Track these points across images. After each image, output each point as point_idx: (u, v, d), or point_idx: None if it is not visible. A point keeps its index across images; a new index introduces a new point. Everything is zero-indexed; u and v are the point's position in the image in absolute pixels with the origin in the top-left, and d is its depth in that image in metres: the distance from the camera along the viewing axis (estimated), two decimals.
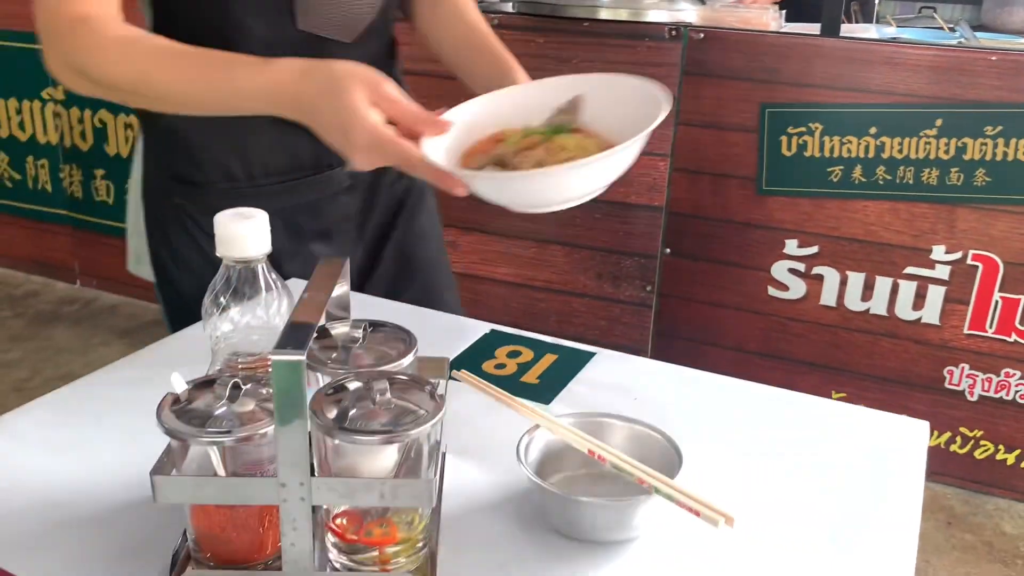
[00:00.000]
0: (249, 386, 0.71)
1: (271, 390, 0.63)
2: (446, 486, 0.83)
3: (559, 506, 0.75)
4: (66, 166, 3.34)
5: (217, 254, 0.73)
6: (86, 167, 3.30)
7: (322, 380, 0.75)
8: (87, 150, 3.28)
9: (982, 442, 2.45)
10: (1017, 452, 2.43)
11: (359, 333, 0.79)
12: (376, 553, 0.71)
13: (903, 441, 0.94)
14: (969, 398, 2.43)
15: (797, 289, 2.43)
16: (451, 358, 1.05)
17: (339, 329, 0.80)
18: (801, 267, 2.42)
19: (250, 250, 0.74)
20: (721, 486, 0.84)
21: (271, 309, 0.76)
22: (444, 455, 0.88)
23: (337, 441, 0.68)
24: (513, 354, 1.10)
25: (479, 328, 1.16)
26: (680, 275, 2.50)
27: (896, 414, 0.98)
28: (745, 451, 0.91)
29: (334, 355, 0.77)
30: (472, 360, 1.07)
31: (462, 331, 1.15)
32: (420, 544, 0.73)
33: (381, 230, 1.32)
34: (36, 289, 3.52)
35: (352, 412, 0.69)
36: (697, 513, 0.70)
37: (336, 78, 0.89)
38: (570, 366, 1.07)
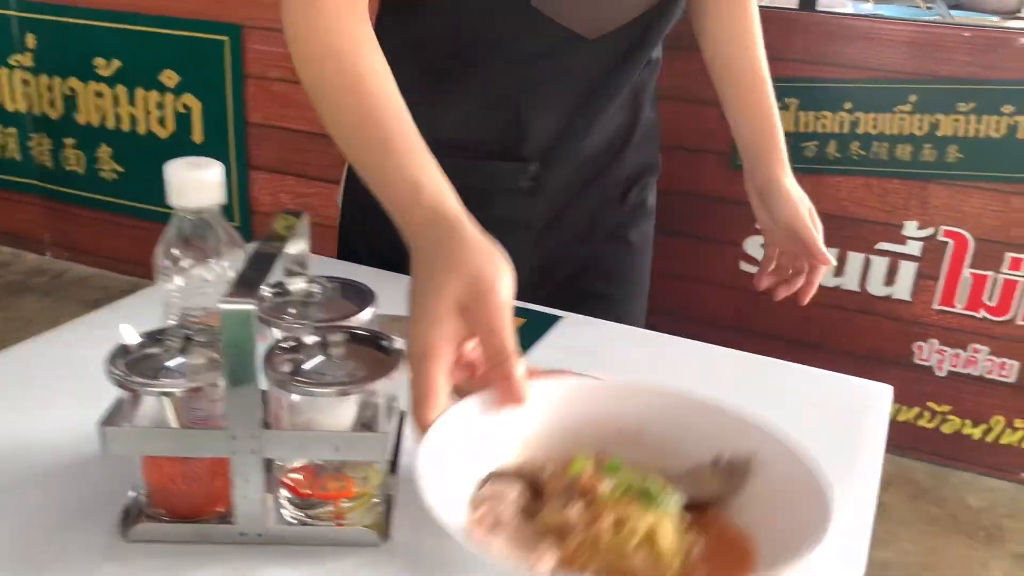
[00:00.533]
0: (202, 338, 0.70)
1: None
2: (405, 442, 0.83)
3: None
4: (35, 135, 3.28)
5: (169, 203, 0.72)
6: (56, 136, 3.25)
7: (278, 336, 0.74)
8: (57, 119, 3.22)
9: (949, 417, 2.48)
10: (983, 427, 2.46)
11: (316, 288, 0.78)
12: (331, 508, 0.70)
13: (867, 405, 0.94)
14: (938, 373, 2.45)
15: None
16: None
17: (296, 285, 0.79)
18: None
19: (203, 200, 0.72)
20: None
21: (225, 262, 0.74)
22: (403, 413, 0.87)
23: (291, 395, 0.67)
24: None
25: None
26: (654, 250, 2.50)
27: (861, 378, 0.99)
28: None
29: (290, 310, 0.76)
30: None
31: None
32: (376, 500, 0.72)
33: (566, 266, 1.24)
34: (6, 260, 3.47)
35: (307, 366, 0.68)
36: None
37: (450, 261, 0.67)
38: (534, 329, 1.06)
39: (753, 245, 2.46)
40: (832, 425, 0.90)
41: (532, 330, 1.06)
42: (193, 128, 3.03)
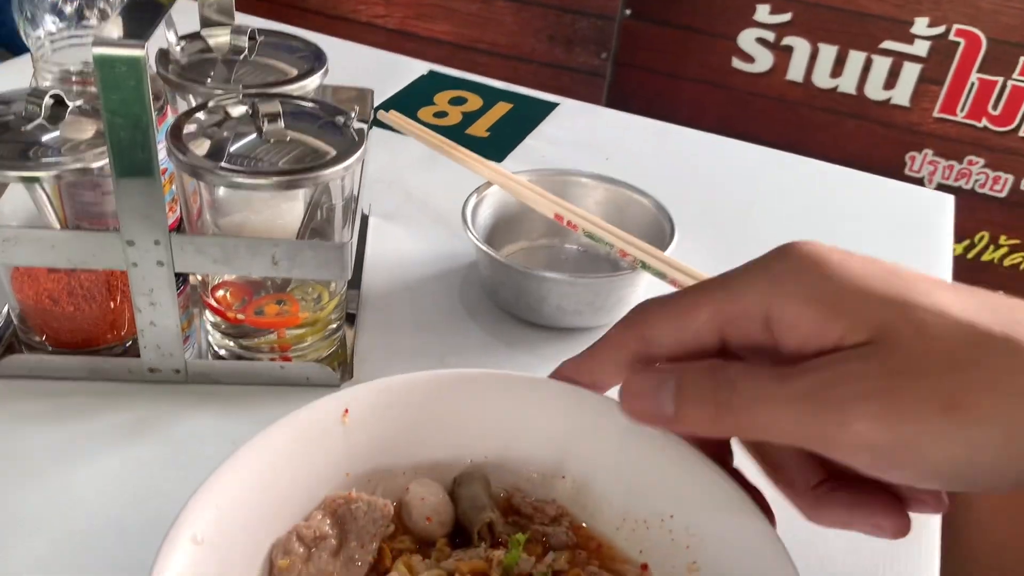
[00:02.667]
0: (82, 103, 0.50)
1: None
2: (370, 257, 0.65)
3: (514, 283, 0.58)
4: None
5: None
6: None
7: (194, 104, 0.54)
8: None
9: None
10: (966, 243, 2.37)
11: (244, 42, 0.57)
12: (273, 338, 0.54)
13: (927, 214, 0.79)
14: (927, 186, 2.33)
15: (763, 61, 2.22)
16: (377, 102, 0.84)
17: (218, 38, 0.58)
18: (770, 36, 2.20)
19: None
20: (723, 261, 0.67)
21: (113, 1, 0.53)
22: (367, 218, 0.69)
23: (213, 187, 0.49)
24: (457, 100, 0.89)
25: (414, 67, 0.94)
26: (639, 41, 2.26)
27: (922, 187, 0.83)
28: (749, 221, 0.75)
29: (210, 72, 0.56)
30: (404, 105, 0.86)
31: (392, 69, 0.93)
32: (333, 327, 0.55)
33: None
34: None
35: (233, 147, 0.48)
36: None
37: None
38: (527, 118, 0.87)
39: (748, 39, 2.23)
40: (893, 236, 0.74)
41: (521, 119, 0.87)
42: None
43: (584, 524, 0.41)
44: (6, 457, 0.47)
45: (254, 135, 0.49)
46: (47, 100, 0.48)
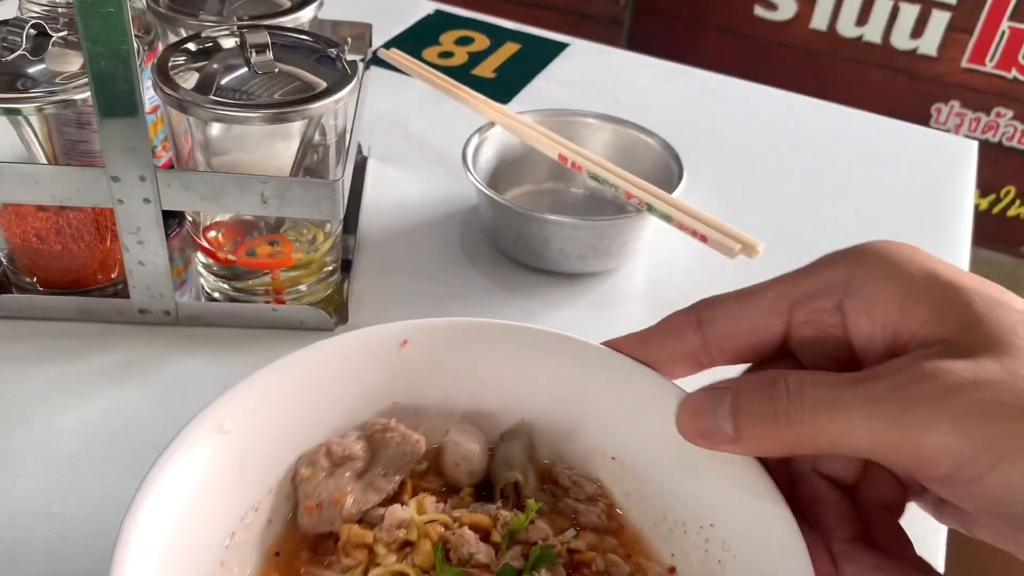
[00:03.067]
0: (67, 34, 0.48)
1: None
2: (368, 200, 0.63)
3: (517, 226, 0.56)
4: None
5: None
6: None
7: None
8: None
9: None
10: (991, 197, 2.32)
11: None
12: (267, 279, 0.52)
13: (949, 159, 0.76)
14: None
15: (786, 9, 2.16)
16: (381, 42, 0.82)
17: None
18: None
19: None
20: (732, 206, 0.65)
21: None
22: (365, 160, 0.67)
23: (203, 123, 0.47)
24: (464, 40, 0.86)
25: (419, 7, 0.91)
26: None
27: (945, 132, 0.80)
28: (761, 163, 0.72)
29: (201, 5, 0.54)
30: (409, 45, 0.83)
31: (396, 8, 0.90)
32: (328, 269, 0.54)
33: None
34: None
35: (222, 81, 0.47)
36: (704, 239, 0.52)
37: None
38: (535, 58, 0.84)
39: None
40: (913, 181, 0.71)
41: (529, 60, 0.84)
42: None
43: (621, 511, 0.39)
44: None
45: (244, 69, 0.47)
46: (28, 30, 0.46)
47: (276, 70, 0.47)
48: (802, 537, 0.32)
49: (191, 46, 0.49)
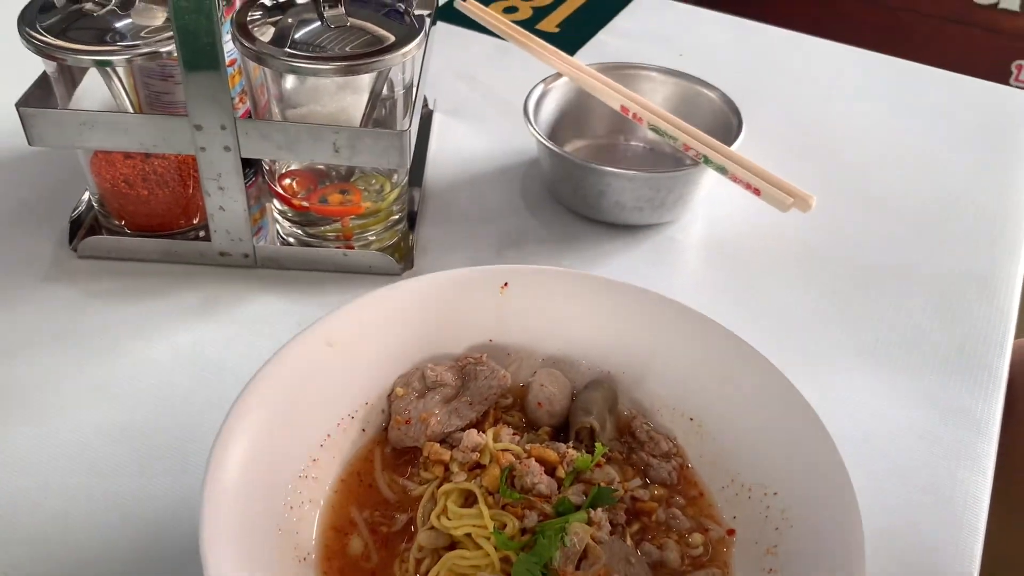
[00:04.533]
0: None
1: None
2: (433, 150, 0.66)
3: (576, 177, 0.58)
4: None
5: None
6: None
7: None
8: None
9: None
10: None
11: None
12: (337, 226, 0.55)
13: (1013, 116, 0.75)
14: None
15: None
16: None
17: None
18: None
19: None
20: (789, 160, 0.66)
21: None
22: (431, 113, 0.70)
23: (278, 74, 0.50)
24: None
25: None
26: None
27: (1002, 84, 0.78)
28: (821, 119, 0.72)
29: None
30: None
31: None
32: (395, 218, 0.56)
33: None
34: None
35: (297, 34, 0.49)
36: (758, 192, 0.53)
37: None
38: (600, 12, 0.85)
39: None
40: (973, 138, 0.71)
41: (594, 14, 0.84)
42: None
43: (692, 468, 0.41)
44: (87, 331, 0.50)
45: (318, 23, 0.50)
46: None
47: (348, 24, 0.49)
48: (860, 523, 0.33)
49: (267, 1, 0.51)
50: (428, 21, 0.51)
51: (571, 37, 0.80)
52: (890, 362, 0.51)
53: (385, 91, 0.52)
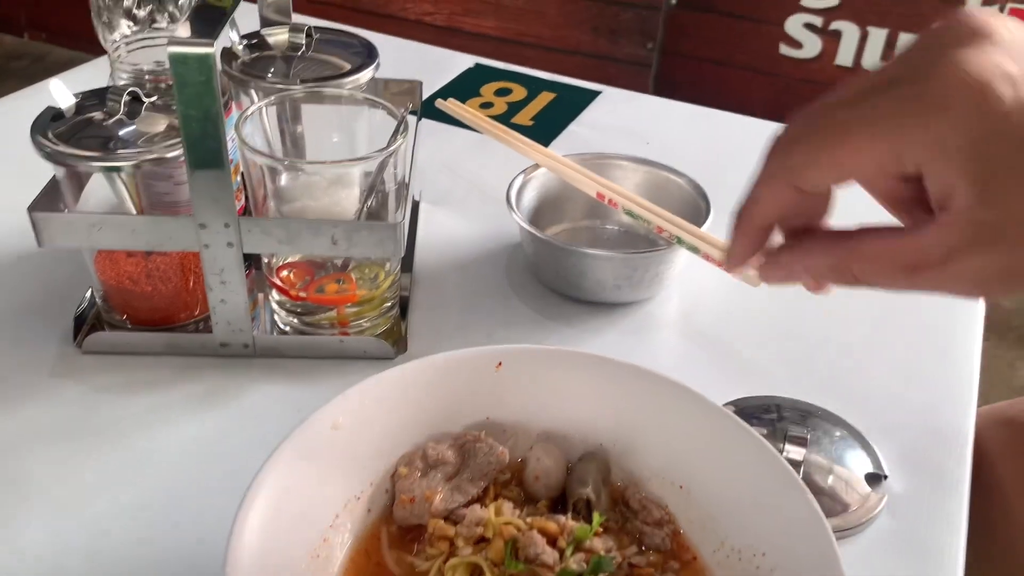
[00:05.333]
0: (156, 99, 0.54)
1: None
2: (421, 237, 0.69)
3: (557, 260, 0.61)
4: None
5: None
6: None
7: (257, 99, 0.58)
8: None
9: None
10: None
11: (301, 40, 0.61)
12: (333, 314, 0.58)
13: None
14: None
15: (812, 47, 2.21)
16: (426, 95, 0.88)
17: (277, 36, 0.62)
18: (818, 21, 2.19)
19: None
20: None
21: (182, 3, 0.57)
22: (417, 204, 0.73)
23: (276, 171, 0.53)
24: (503, 91, 0.92)
25: (461, 61, 0.98)
26: (685, 30, 2.27)
27: None
28: None
29: (270, 68, 0.60)
30: (453, 97, 0.89)
31: (439, 63, 0.97)
32: (388, 304, 0.59)
33: None
34: None
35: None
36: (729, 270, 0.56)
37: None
38: (570, 106, 0.90)
39: (795, 25, 2.21)
40: None
41: (565, 107, 0.89)
42: None
43: (684, 535, 0.44)
44: (94, 426, 0.52)
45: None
46: (125, 97, 0.52)
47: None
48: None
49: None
50: (405, 119, 0.55)
51: (545, 129, 0.85)
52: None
53: (378, 182, 0.55)
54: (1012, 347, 2.21)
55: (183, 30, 0.46)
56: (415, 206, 0.72)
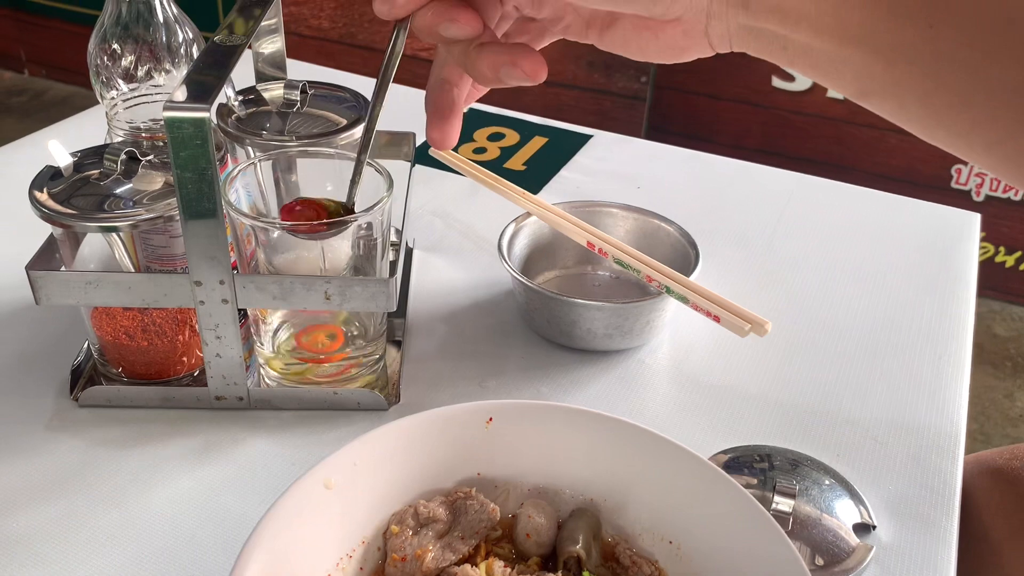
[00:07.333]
0: (152, 157, 0.55)
1: None
2: (414, 287, 0.70)
3: (548, 308, 0.62)
4: None
5: None
6: None
7: (252, 154, 0.59)
8: None
9: (983, 244, 2.36)
10: (1017, 254, 2.34)
11: (296, 96, 0.62)
12: (326, 367, 0.58)
13: (952, 235, 0.81)
14: (975, 198, 2.31)
15: (804, 80, 2.24)
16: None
17: (272, 92, 0.63)
18: None
19: None
20: (745, 288, 0.71)
21: (179, 60, 0.58)
22: (411, 250, 0.74)
23: (269, 230, 0.54)
24: (495, 136, 0.93)
25: None
26: (678, 63, 2.29)
27: (947, 206, 0.85)
28: (773, 247, 0.78)
29: (265, 124, 0.61)
30: None
31: None
32: (378, 356, 0.60)
33: None
34: None
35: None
36: (717, 319, 0.57)
37: None
38: (561, 150, 0.91)
39: None
40: (916, 258, 0.76)
41: (556, 152, 0.91)
42: None
43: None
44: (89, 480, 0.52)
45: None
46: (122, 156, 0.53)
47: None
48: None
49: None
50: (407, 171, 0.56)
51: (537, 174, 0.86)
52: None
53: (368, 233, 0.56)
54: (1008, 377, 2.21)
55: (180, 92, 0.47)
56: (408, 253, 0.73)
